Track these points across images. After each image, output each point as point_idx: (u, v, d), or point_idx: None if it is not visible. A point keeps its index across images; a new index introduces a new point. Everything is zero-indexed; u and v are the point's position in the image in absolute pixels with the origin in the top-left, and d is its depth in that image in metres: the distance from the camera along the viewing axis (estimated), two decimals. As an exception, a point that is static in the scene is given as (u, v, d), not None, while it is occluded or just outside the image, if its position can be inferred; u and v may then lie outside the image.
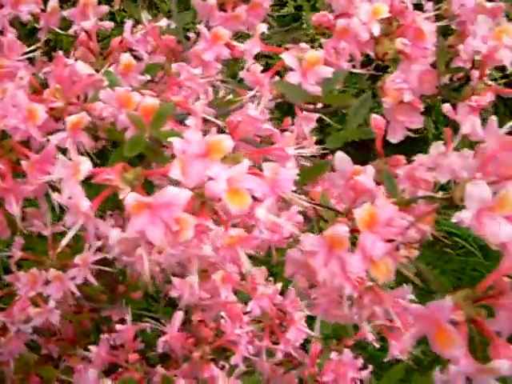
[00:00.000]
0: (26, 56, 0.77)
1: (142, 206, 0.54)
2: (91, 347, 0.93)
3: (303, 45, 0.84)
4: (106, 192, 0.58)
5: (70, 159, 0.58)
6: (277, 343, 1.01)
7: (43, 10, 0.90)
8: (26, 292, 0.89)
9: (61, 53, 0.72)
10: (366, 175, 0.63)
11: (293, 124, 1.05)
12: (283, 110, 0.92)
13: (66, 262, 0.94)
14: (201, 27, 0.86)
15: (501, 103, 1.92)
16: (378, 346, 0.91)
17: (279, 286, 1.03)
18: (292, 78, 0.73)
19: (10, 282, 0.92)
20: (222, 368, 0.91)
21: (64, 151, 0.66)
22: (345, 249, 0.58)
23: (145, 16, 0.89)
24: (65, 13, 0.90)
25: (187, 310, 1.10)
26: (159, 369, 0.90)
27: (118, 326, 0.94)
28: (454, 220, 0.52)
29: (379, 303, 0.62)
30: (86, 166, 0.56)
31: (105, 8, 0.91)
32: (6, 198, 0.65)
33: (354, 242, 0.60)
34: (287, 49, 0.77)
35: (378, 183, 0.64)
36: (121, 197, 0.58)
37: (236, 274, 0.98)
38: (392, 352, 0.97)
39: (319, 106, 0.83)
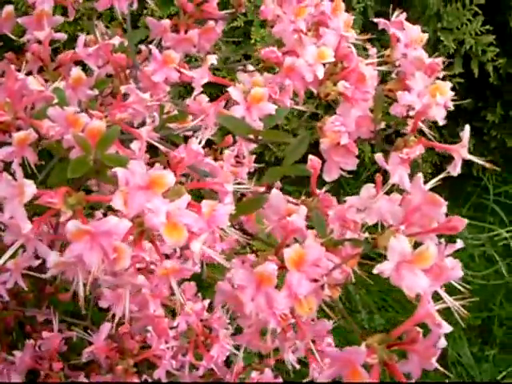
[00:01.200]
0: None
1: (82, 232, 0.56)
2: (15, 352, 0.93)
3: (250, 67, 0.88)
4: (49, 213, 0.60)
5: (15, 179, 0.59)
6: (201, 358, 1.04)
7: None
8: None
9: (13, 67, 0.72)
10: (298, 215, 0.67)
11: (234, 142, 1.08)
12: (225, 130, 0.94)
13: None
14: (153, 48, 0.88)
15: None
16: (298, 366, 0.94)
17: (207, 302, 1.06)
18: (237, 111, 0.76)
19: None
20: (145, 381, 0.93)
21: (8, 165, 0.68)
22: (272, 286, 0.62)
23: (100, 30, 0.90)
24: (19, 20, 0.90)
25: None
26: (82, 378, 0.91)
27: (45, 333, 0.94)
28: (375, 271, 0.56)
29: (301, 338, 0.66)
30: (30, 189, 0.57)
31: (59, 19, 0.92)
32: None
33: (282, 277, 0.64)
34: (233, 80, 0.80)
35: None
36: (62, 219, 0.60)
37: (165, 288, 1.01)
38: (312, 374, 1.01)
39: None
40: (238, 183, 0.69)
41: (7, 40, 0.94)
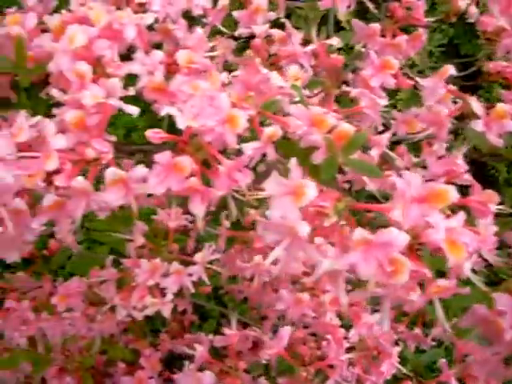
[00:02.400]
0: (211, 54, 0.77)
1: (362, 241, 0.54)
2: (196, 345, 0.93)
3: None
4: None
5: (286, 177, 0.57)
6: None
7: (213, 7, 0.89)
8: (144, 280, 0.89)
9: (258, 60, 0.71)
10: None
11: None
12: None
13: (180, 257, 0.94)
14: (371, 52, 0.86)
15: None
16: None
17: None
18: (476, 125, 0.73)
19: (128, 267, 0.92)
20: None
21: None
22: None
23: (314, 31, 0.88)
24: (234, 13, 0.89)
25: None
26: (262, 381, 0.90)
27: (226, 330, 0.93)
28: None
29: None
30: (311, 191, 0.55)
31: (272, 15, 0.91)
32: (192, 198, 0.64)
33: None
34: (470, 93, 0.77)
35: None
36: (326, 224, 0.58)
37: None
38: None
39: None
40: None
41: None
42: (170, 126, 0.68)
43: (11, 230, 0.64)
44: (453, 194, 0.55)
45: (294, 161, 0.58)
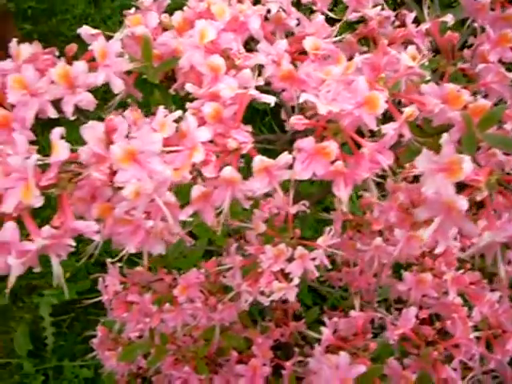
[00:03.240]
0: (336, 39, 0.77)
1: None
2: (323, 328, 0.94)
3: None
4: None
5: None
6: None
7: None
8: (269, 266, 0.90)
9: (385, 42, 0.71)
10: None
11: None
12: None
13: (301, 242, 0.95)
14: (487, 27, 0.84)
15: None
16: None
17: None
18: None
19: (252, 254, 0.93)
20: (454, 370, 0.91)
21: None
22: None
23: (426, 10, 0.88)
24: (344, -3, 0.90)
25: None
26: (392, 361, 0.90)
27: (352, 312, 0.94)
28: None
29: None
30: (468, 165, 0.55)
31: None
32: (336, 181, 0.65)
33: None
34: None
35: None
36: (479, 198, 0.58)
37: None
38: None
39: None
40: None
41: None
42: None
43: (160, 224, 0.66)
44: None
45: (445, 136, 0.58)
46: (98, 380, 1.81)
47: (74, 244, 0.62)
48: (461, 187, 0.58)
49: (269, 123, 2.16)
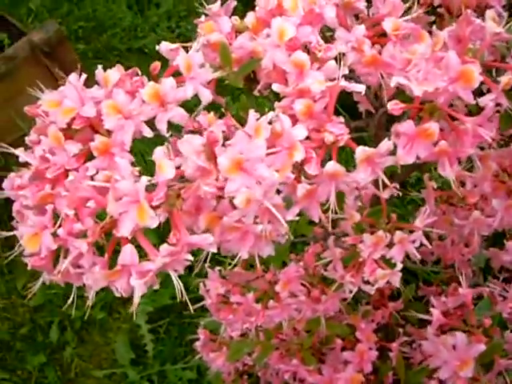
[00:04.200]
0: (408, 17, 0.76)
1: None
2: (432, 309, 0.93)
3: None
4: None
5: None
6: None
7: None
8: (370, 254, 0.90)
9: (470, 11, 0.69)
10: None
11: None
12: None
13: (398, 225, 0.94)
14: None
15: None
16: None
17: None
18: None
19: (352, 244, 0.93)
20: None
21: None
22: None
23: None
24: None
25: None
26: (510, 334, 0.88)
27: (460, 289, 0.93)
28: None
29: None
30: None
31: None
32: (441, 161, 0.64)
33: None
34: None
35: None
36: None
37: None
38: None
39: None
40: None
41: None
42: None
43: (268, 226, 0.66)
44: None
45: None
46: (202, 381, 1.85)
47: (191, 258, 0.63)
48: None
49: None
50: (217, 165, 0.61)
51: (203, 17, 0.84)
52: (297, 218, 0.69)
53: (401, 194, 0.96)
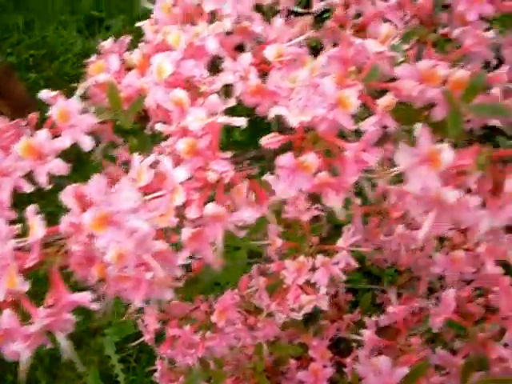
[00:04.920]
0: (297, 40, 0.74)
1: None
2: (363, 331, 0.91)
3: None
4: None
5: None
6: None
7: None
8: (294, 280, 0.88)
9: (348, 32, 0.67)
10: None
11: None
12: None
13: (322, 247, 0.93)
14: (460, -15, 0.79)
15: None
16: None
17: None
18: None
19: (275, 271, 0.91)
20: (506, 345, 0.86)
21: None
22: None
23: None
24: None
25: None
26: (440, 351, 0.86)
27: (390, 308, 0.91)
28: None
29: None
30: (448, 154, 0.51)
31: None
32: (323, 193, 0.62)
33: None
34: None
35: None
36: (470, 181, 0.54)
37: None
38: None
39: None
40: None
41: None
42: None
43: (160, 273, 0.64)
44: None
45: (418, 126, 0.54)
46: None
47: (73, 319, 0.61)
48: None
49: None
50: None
51: (94, 56, 0.83)
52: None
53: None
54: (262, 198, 0.64)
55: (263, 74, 0.73)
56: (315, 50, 0.81)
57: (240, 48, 0.82)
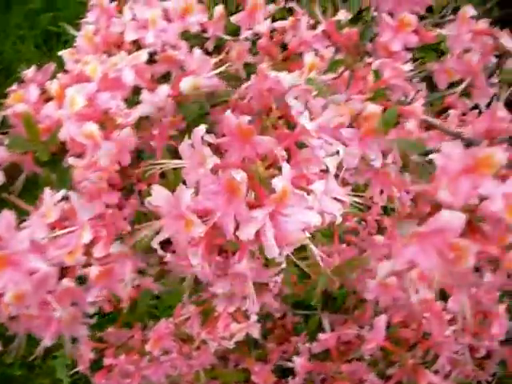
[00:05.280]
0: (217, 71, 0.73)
1: (415, 235, 0.49)
2: (295, 357, 0.90)
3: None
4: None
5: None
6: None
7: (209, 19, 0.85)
8: (224, 308, 0.86)
9: (264, 66, 0.67)
10: None
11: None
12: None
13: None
14: (383, 15, 0.79)
15: None
16: None
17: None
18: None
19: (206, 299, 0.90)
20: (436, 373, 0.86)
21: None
22: None
23: (318, 10, 0.83)
24: (232, 18, 0.85)
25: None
26: (373, 378, 0.85)
27: (321, 335, 0.90)
28: None
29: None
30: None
31: (272, 7, 0.86)
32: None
33: None
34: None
35: None
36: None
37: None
38: None
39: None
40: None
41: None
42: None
43: (63, 312, 0.63)
44: (500, 156, 0.49)
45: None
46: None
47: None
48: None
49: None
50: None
51: (15, 85, 0.81)
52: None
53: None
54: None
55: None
56: (238, 79, 0.81)
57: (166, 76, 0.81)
